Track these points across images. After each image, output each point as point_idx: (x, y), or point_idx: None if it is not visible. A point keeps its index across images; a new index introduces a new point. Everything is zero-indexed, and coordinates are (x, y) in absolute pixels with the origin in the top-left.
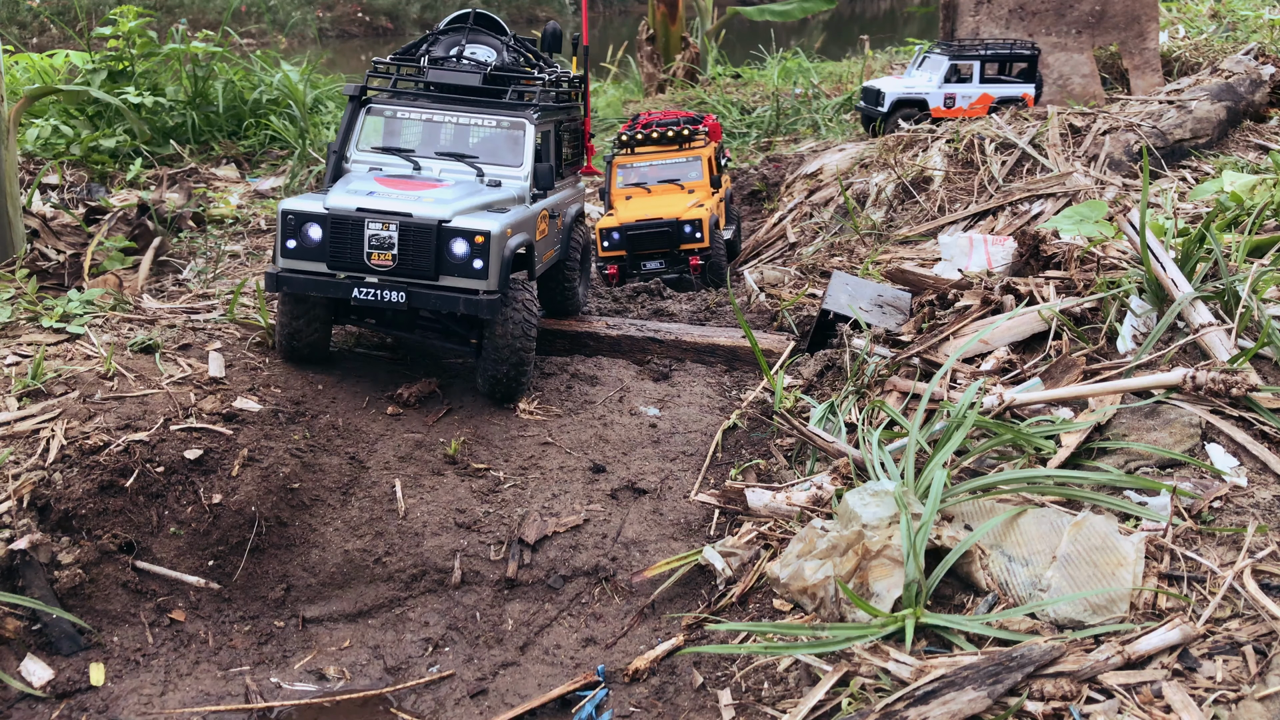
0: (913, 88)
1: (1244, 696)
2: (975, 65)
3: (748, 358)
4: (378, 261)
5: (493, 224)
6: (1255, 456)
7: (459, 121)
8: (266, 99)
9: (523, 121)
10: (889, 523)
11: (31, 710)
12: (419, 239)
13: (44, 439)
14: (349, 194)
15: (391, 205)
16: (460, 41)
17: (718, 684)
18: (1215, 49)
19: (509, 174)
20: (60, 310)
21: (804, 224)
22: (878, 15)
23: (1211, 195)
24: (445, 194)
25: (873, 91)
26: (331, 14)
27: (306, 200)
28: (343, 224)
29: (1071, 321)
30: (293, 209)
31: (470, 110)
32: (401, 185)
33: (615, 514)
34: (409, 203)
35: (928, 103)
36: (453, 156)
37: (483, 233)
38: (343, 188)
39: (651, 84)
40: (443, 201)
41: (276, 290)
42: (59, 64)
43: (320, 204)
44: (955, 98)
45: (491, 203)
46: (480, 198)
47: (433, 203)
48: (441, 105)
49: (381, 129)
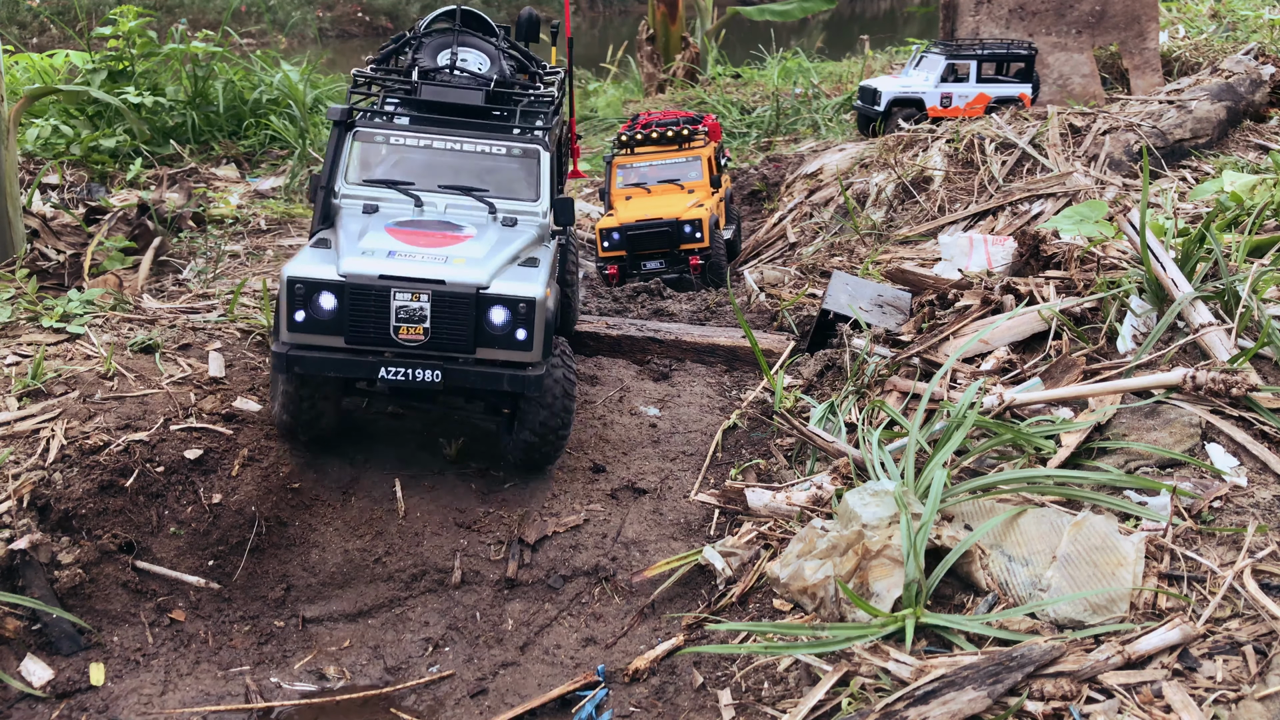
0: (909, 87)
1: (1244, 696)
2: (972, 65)
3: (748, 358)
4: (406, 336)
5: (534, 287)
6: (1255, 456)
7: (463, 149)
8: (266, 99)
9: (537, 150)
10: (889, 522)
11: (31, 710)
12: (455, 310)
13: (44, 439)
14: (365, 256)
15: (419, 270)
16: (450, 45)
17: (718, 684)
18: (1215, 49)
19: (525, 210)
20: (60, 310)
21: (804, 224)
22: (878, 15)
23: (1211, 195)
24: (474, 250)
25: (869, 91)
26: (331, 14)
27: (314, 262)
28: (364, 295)
29: (1071, 321)
30: (301, 277)
31: (474, 135)
32: (420, 238)
33: (615, 514)
34: (437, 265)
35: (924, 102)
36: (459, 190)
37: (526, 300)
38: (353, 245)
39: (651, 84)
40: (475, 262)
41: (286, 372)
42: (59, 64)
43: (333, 268)
44: (952, 97)
45: (519, 253)
46: (509, 247)
47: (465, 264)
48: (441, 130)
49: (374, 158)
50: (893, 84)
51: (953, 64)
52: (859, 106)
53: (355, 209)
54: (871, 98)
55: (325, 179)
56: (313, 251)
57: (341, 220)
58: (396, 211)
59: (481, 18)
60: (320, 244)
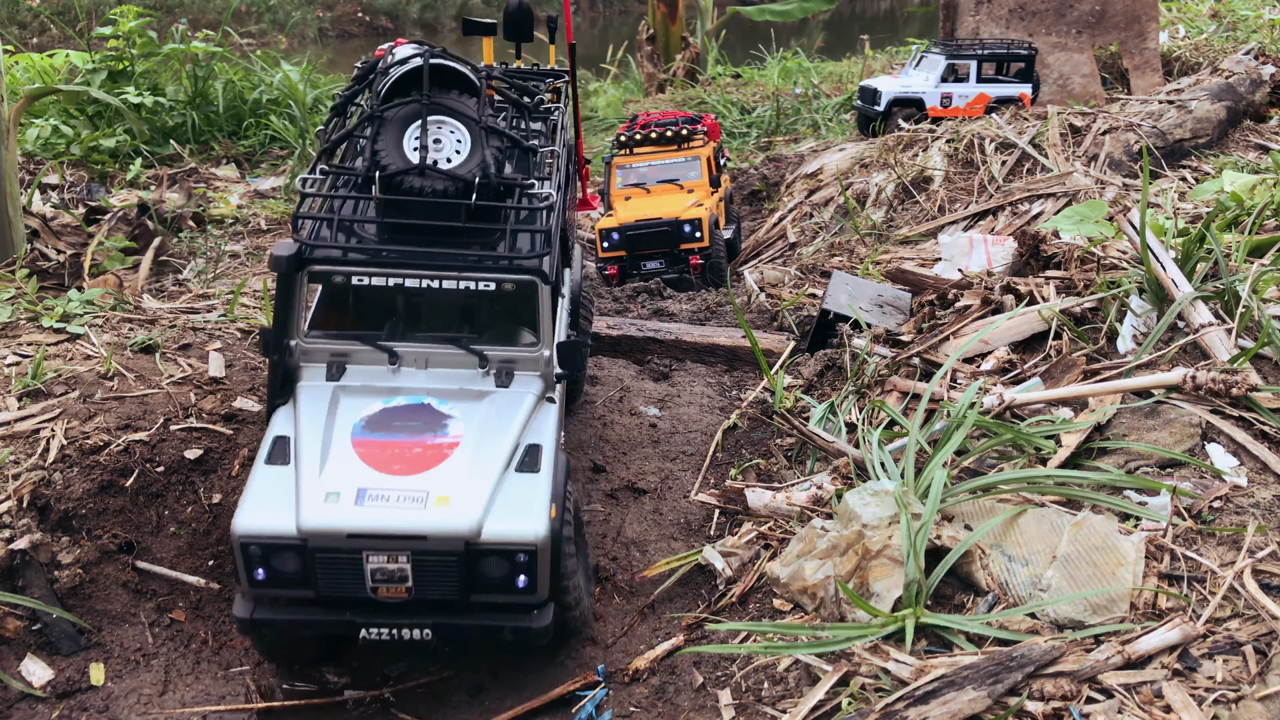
0: (909, 87)
1: (1244, 696)
2: (972, 65)
3: (748, 358)
4: (387, 595)
5: (536, 523)
6: (1255, 456)
7: (442, 286)
8: (266, 99)
9: (533, 282)
10: (889, 522)
11: (31, 710)
12: (441, 568)
13: (44, 439)
14: (329, 502)
15: (395, 520)
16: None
17: (718, 684)
18: (1215, 49)
19: (522, 357)
20: (60, 310)
21: (804, 224)
22: (878, 15)
23: (1211, 195)
24: (462, 467)
25: (869, 91)
26: (331, 14)
27: (268, 505)
28: (331, 558)
29: (1071, 321)
30: (254, 535)
31: (454, 262)
32: (396, 458)
33: (615, 514)
34: (415, 509)
35: (924, 102)
36: (440, 339)
37: (526, 550)
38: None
39: (651, 84)
40: (463, 492)
41: (251, 635)
42: (59, 64)
43: (291, 515)
44: (952, 97)
45: (518, 442)
46: (504, 440)
47: (451, 501)
48: (414, 260)
49: (335, 300)
50: (893, 84)
51: (953, 64)
52: (859, 106)
53: (318, 375)
54: (872, 98)
55: (274, 335)
56: (266, 481)
57: (300, 403)
58: (367, 380)
59: (455, 70)
60: (277, 454)
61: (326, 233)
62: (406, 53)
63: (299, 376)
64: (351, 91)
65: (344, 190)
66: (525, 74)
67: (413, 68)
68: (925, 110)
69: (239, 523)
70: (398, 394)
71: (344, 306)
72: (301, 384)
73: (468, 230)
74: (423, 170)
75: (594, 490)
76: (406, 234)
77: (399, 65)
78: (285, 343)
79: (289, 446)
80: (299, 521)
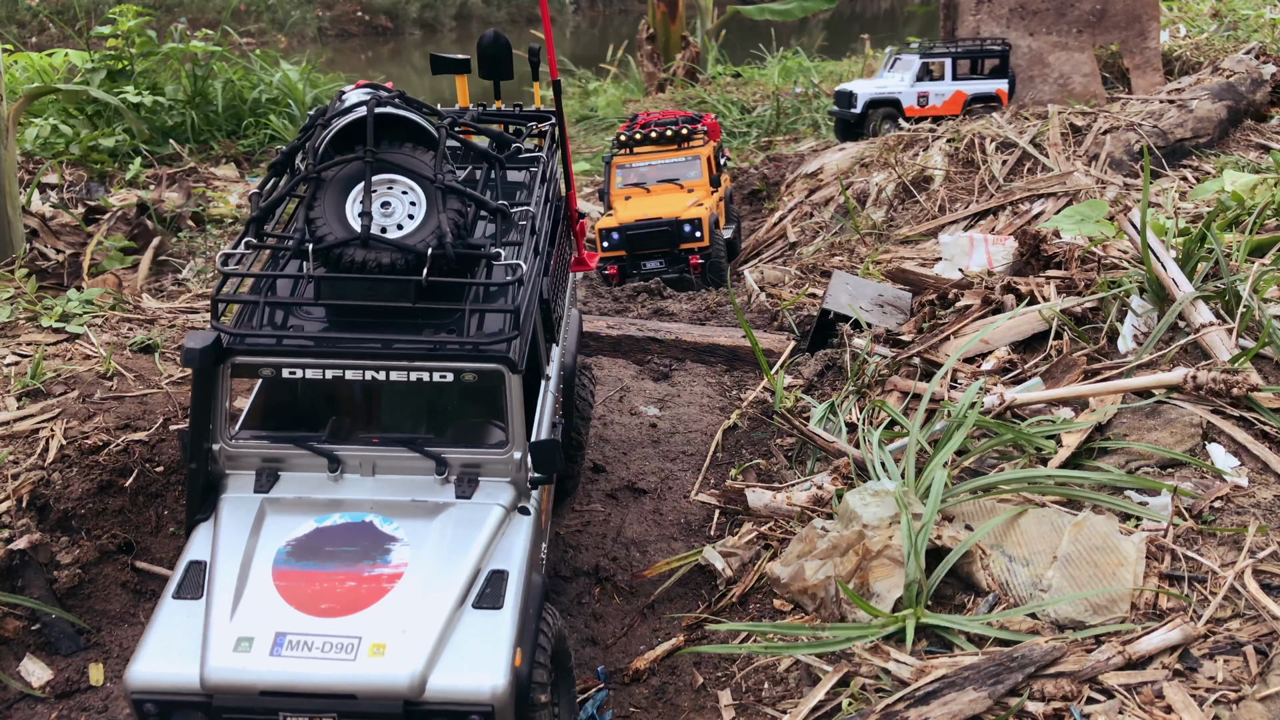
0: (885, 88)
1: (1245, 697)
2: (947, 63)
3: (748, 357)
4: None
5: (493, 673)
6: (1256, 456)
7: (391, 378)
8: (266, 98)
9: (500, 372)
10: (889, 523)
11: (31, 710)
12: None
13: (43, 439)
14: (237, 648)
15: (315, 673)
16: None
17: (718, 684)
18: (1216, 48)
19: (488, 459)
20: (59, 310)
21: (804, 223)
22: (878, 15)
23: (1212, 195)
24: (401, 605)
25: (845, 94)
26: (331, 13)
27: (169, 650)
28: (241, 717)
29: (1072, 321)
30: (149, 689)
31: (404, 348)
32: (325, 592)
33: (615, 514)
34: (341, 659)
35: (901, 102)
36: (390, 440)
37: (481, 709)
38: (225, 612)
39: (651, 83)
40: (402, 637)
41: None
42: (58, 63)
43: (193, 666)
44: (929, 96)
45: (477, 569)
46: (460, 567)
47: (390, 647)
48: (354, 348)
49: (273, 394)
50: (868, 86)
51: (927, 63)
52: (836, 111)
53: (245, 484)
54: (848, 101)
55: (190, 439)
56: (171, 620)
57: (221, 520)
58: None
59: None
60: (188, 587)
61: (255, 318)
62: (355, 99)
63: (224, 486)
64: (294, 146)
65: (274, 267)
66: (505, 116)
67: (355, 118)
68: (903, 110)
69: (132, 673)
70: (335, 509)
71: (280, 401)
72: (225, 496)
73: (420, 311)
74: (365, 241)
75: (594, 490)
76: (349, 316)
77: (341, 115)
78: (206, 447)
79: (203, 576)
80: (203, 674)
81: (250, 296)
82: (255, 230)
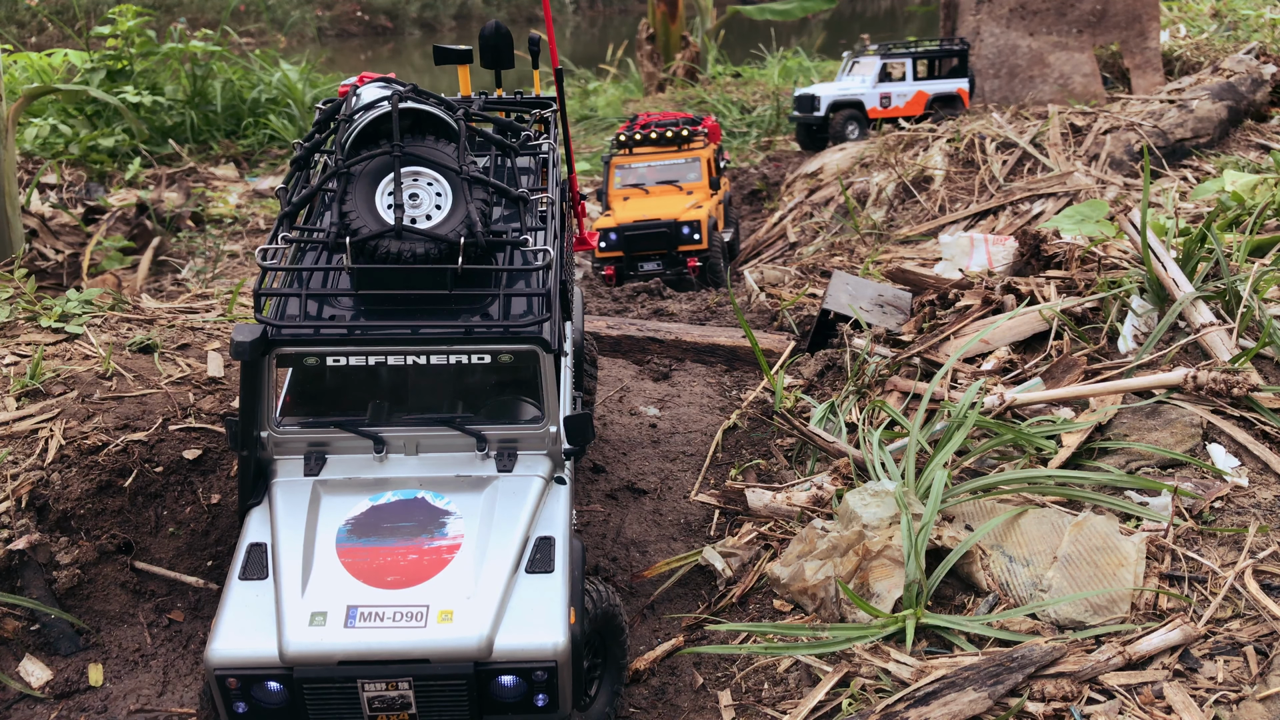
0: (847, 90)
1: (1245, 697)
2: (907, 64)
3: (748, 357)
4: None
5: (554, 632)
6: (1256, 456)
7: (431, 361)
8: (265, 98)
9: (534, 351)
10: (889, 523)
11: (30, 710)
12: (448, 690)
13: (42, 439)
14: (315, 624)
15: (393, 641)
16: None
17: (718, 684)
18: (1216, 48)
19: (524, 434)
20: (59, 310)
21: (804, 223)
22: (878, 14)
23: (1213, 195)
24: (462, 574)
25: (807, 98)
26: (330, 13)
27: (245, 629)
28: (322, 686)
29: (1072, 321)
30: (231, 666)
31: (442, 333)
32: (389, 566)
33: (615, 514)
34: (414, 627)
35: (864, 104)
36: (431, 420)
37: (545, 664)
38: (296, 588)
39: (651, 83)
40: (468, 604)
41: None
42: (58, 63)
43: (273, 640)
44: (891, 97)
45: (527, 537)
46: (512, 536)
47: (455, 615)
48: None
49: (309, 382)
50: (830, 89)
51: (886, 65)
52: (797, 117)
53: (295, 468)
54: (810, 105)
55: (241, 429)
56: (242, 600)
57: (277, 504)
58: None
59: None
60: (253, 567)
61: (294, 309)
62: (372, 94)
63: (273, 472)
64: (314, 141)
65: (311, 259)
66: (508, 104)
67: (382, 112)
68: (866, 112)
69: (212, 651)
70: (386, 488)
71: (321, 388)
72: (276, 480)
73: (455, 297)
74: (399, 233)
75: (594, 490)
76: (386, 305)
77: (364, 110)
78: (255, 435)
79: (266, 557)
80: (282, 648)
81: (291, 290)
82: (288, 225)
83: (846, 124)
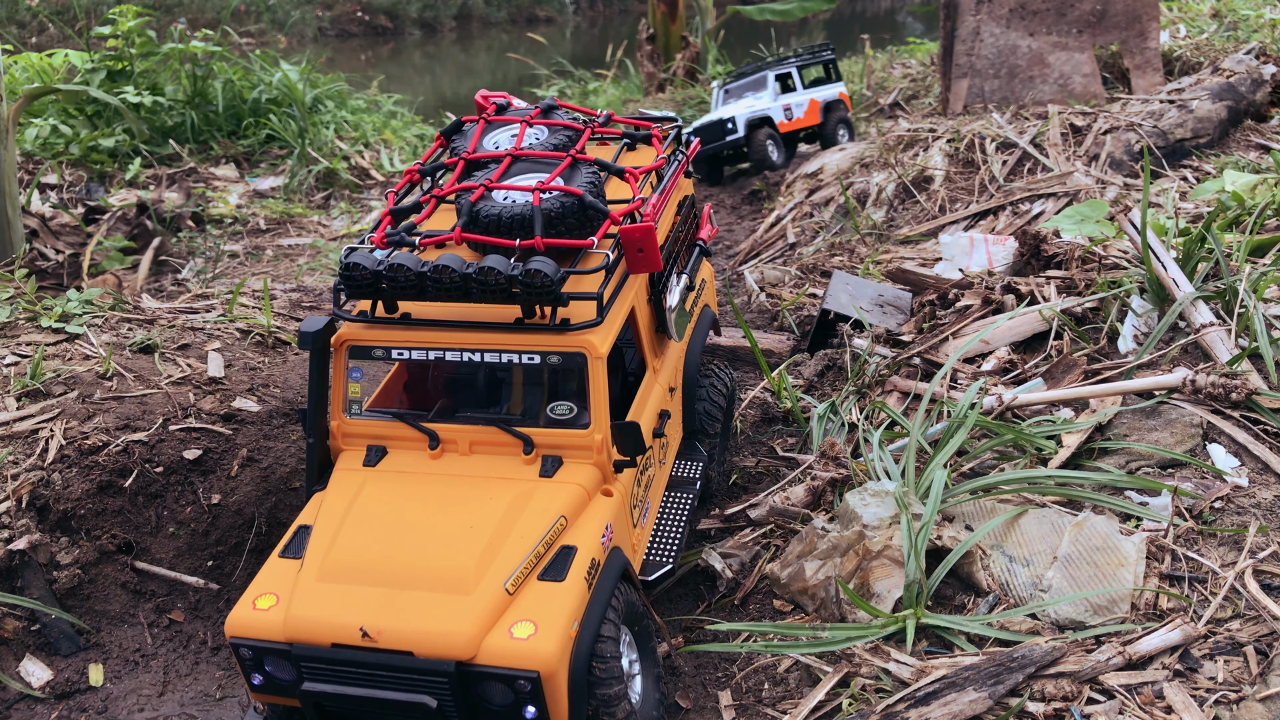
0: (754, 108)
1: (1245, 697)
2: (794, 74)
3: (748, 357)
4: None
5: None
6: (1256, 456)
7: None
8: (266, 98)
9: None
10: (890, 523)
11: (30, 710)
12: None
13: (43, 439)
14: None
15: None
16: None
17: (718, 684)
18: (1216, 48)
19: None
20: (59, 310)
21: (804, 223)
22: (878, 15)
23: (1213, 195)
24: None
25: (718, 124)
26: (331, 13)
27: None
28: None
29: (1072, 321)
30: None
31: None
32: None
33: None
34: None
35: (773, 118)
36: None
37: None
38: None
39: (651, 83)
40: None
41: None
42: (58, 63)
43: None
44: (792, 108)
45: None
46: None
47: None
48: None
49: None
50: (737, 108)
51: (781, 77)
52: (710, 149)
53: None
54: (721, 130)
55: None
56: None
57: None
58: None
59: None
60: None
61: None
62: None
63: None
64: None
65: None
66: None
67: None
68: (776, 126)
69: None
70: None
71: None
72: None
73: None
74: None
75: None
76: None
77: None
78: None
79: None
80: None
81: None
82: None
83: (766, 141)
